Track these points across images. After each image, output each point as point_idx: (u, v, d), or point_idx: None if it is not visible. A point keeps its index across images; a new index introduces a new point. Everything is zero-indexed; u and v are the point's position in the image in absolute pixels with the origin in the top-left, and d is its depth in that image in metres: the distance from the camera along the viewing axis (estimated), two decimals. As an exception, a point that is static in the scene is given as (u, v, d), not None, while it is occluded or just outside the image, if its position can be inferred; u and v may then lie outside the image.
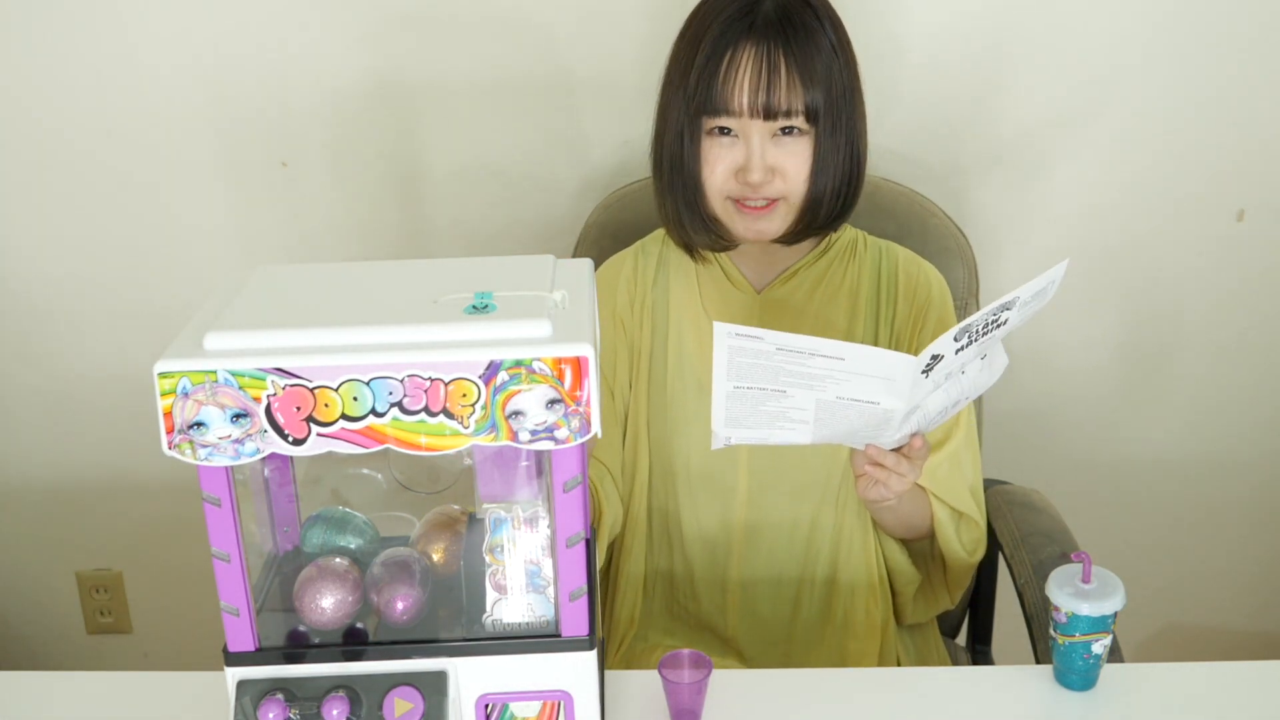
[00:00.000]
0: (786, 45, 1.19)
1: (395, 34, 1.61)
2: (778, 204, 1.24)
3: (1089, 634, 1.08)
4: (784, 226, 1.25)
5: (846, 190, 1.25)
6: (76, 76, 1.64)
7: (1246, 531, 1.86)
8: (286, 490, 1.04)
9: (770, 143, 1.22)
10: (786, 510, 1.33)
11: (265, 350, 0.84)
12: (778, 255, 1.32)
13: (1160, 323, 1.74)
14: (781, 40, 1.19)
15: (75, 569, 1.98)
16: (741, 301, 1.33)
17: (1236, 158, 1.63)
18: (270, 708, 0.91)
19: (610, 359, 1.36)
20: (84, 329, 1.80)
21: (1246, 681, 1.11)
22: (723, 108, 1.20)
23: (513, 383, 0.84)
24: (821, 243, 1.33)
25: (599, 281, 1.40)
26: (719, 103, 1.20)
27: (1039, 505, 1.45)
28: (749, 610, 1.36)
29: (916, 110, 1.62)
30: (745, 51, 1.20)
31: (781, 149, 1.22)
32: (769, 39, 1.19)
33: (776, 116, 1.20)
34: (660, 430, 1.34)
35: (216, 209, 1.72)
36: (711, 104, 1.21)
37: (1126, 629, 1.46)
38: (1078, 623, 1.07)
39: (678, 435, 1.33)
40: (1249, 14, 1.56)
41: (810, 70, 1.19)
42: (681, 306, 1.35)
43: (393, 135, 1.67)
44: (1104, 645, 1.09)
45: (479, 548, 0.97)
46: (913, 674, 1.20)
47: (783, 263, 1.33)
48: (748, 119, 1.20)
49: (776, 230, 1.25)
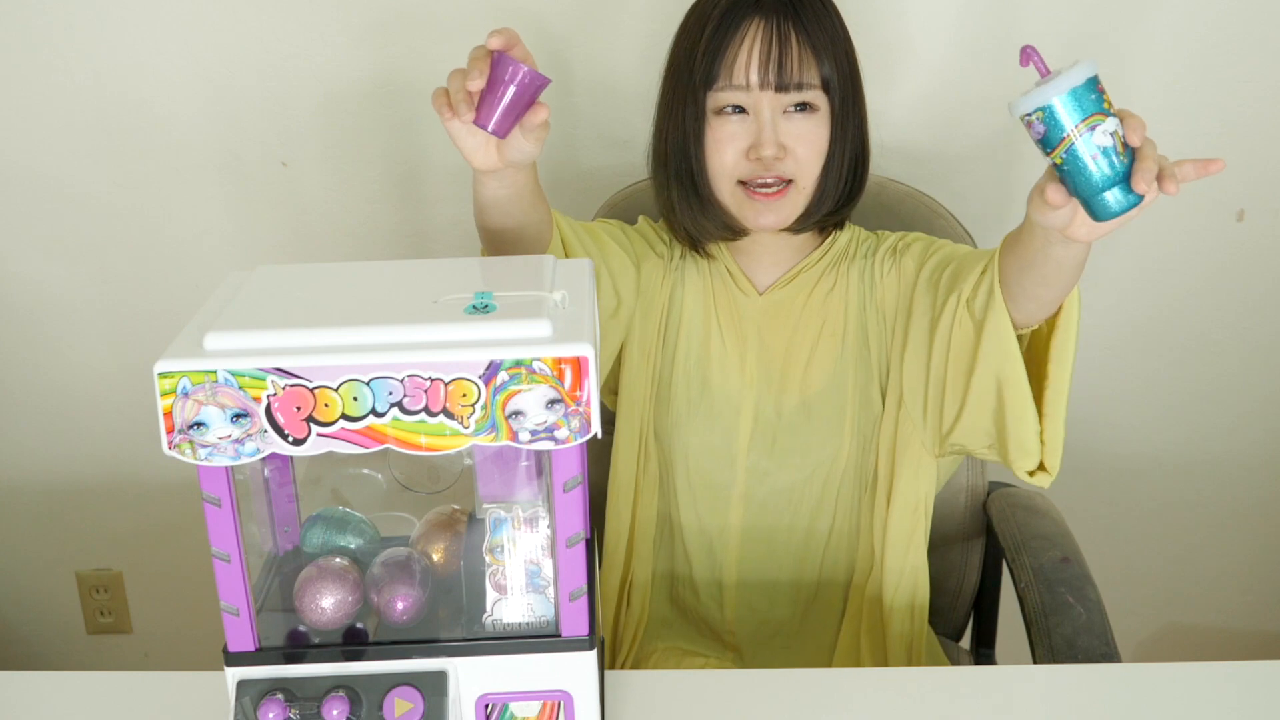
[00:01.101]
0: (797, 18, 1.19)
1: (396, 34, 1.61)
2: (788, 189, 1.23)
3: (1080, 121, 0.87)
4: (793, 215, 1.24)
5: (852, 178, 1.25)
6: (77, 76, 1.64)
7: (1246, 531, 1.86)
8: (286, 490, 1.04)
9: (781, 119, 1.20)
10: (783, 511, 1.33)
11: (265, 350, 0.84)
12: (781, 255, 1.32)
13: (1160, 323, 1.74)
14: (791, 14, 1.19)
15: (75, 569, 1.98)
16: (743, 303, 1.33)
17: (1236, 158, 1.63)
18: (270, 708, 0.91)
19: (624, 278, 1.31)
20: (84, 329, 1.80)
21: (1246, 681, 1.11)
22: (731, 81, 1.19)
23: (513, 383, 0.84)
24: (824, 243, 1.33)
25: (638, 226, 1.38)
26: (728, 77, 1.19)
27: (1041, 509, 1.45)
28: (747, 610, 1.36)
29: (922, 110, 1.62)
30: (754, 25, 1.19)
31: (793, 125, 1.21)
32: (778, 13, 1.19)
33: (789, 89, 1.19)
34: (664, 428, 1.34)
35: (216, 209, 1.72)
36: (719, 77, 1.20)
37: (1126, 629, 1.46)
38: (1056, 117, 0.87)
39: (678, 432, 1.33)
40: (1249, 14, 1.56)
41: (821, 44, 1.19)
42: (695, 302, 1.34)
43: (393, 135, 1.67)
44: (1108, 131, 0.87)
45: (479, 548, 0.97)
46: (913, 674, 1.20)
47: (785, 264, 1.33)
48: (758, 91, 1.19)
49: (785, 221, 1.24)
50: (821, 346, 1.31)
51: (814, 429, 1.31)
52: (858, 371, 1.31)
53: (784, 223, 1.25)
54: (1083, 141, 0.89)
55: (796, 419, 1.31)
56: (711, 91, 1.21)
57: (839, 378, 1.31)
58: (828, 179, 1.23)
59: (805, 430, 1.31)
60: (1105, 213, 0.91)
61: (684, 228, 1.29)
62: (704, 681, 1.13)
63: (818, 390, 1.31)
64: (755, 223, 1.25)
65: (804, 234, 1.30)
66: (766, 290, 1.33)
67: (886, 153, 1.62)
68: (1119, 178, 0.90)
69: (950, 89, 1.61)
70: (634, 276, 1.32)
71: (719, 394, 1.32)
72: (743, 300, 1.33)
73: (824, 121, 1.22)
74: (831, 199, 1.25)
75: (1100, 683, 1.11)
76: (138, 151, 1.69)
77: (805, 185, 1.23)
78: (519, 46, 1.07)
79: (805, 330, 1.32)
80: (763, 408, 1.31)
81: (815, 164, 1.22)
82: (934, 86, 1.61)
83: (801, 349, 1.31)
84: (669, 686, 1.10)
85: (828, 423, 1.30)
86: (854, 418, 1.30)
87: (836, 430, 1.30)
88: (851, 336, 1.31)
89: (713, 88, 1.21)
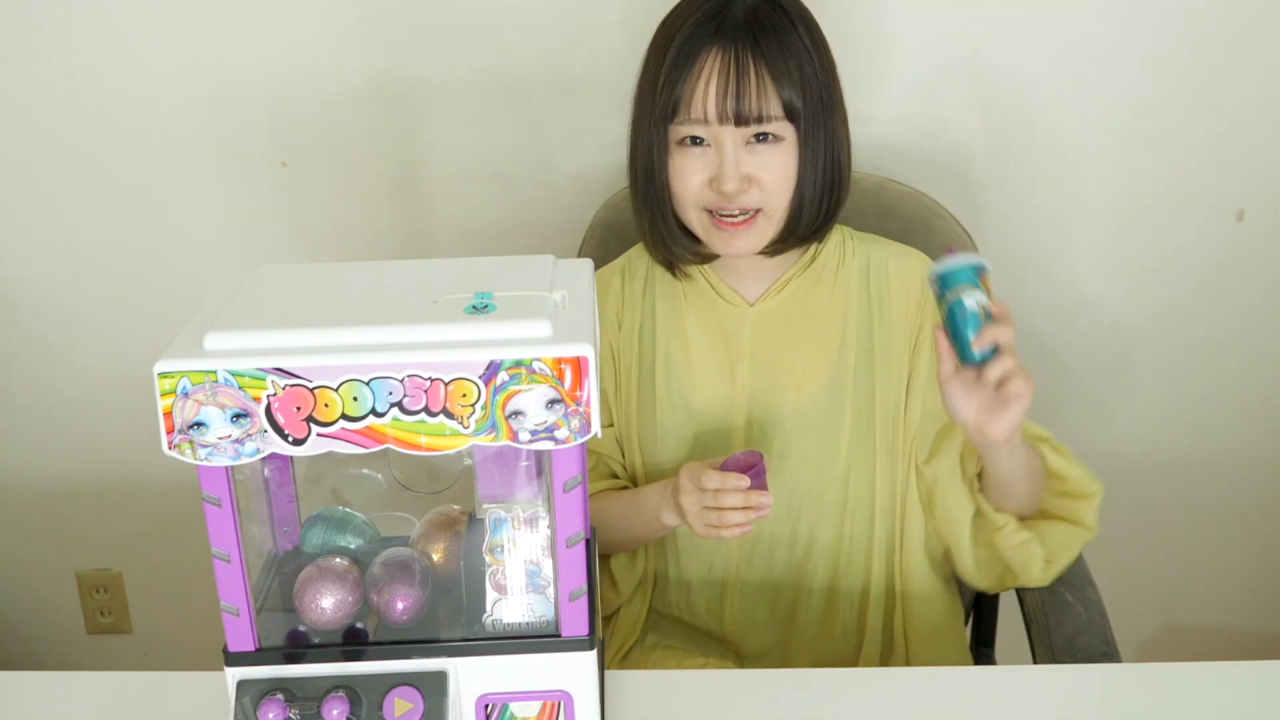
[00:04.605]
0: (756, 47, 1.16)
1: (396, 34, 1.61)
2: (756, 218, 1.21)
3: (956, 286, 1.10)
4: (763, 242, 1.23)
5: (828, 199, 1.22)
6: (77, 77, 1.64)
7: (1246, 531, 1.86)
8: (286, 490, 1.04)
9: (744, 150, 1.18)
10: (783, 523, 1.31)
11: (265, 350, 0.84)
12: (764, 266, 1.30)
13: (1160, 323, 1.74)
14: (750, 42, 1.16)
15: (75, 569, 1.98)
16: (733, 316, 1.31)
17: (1236, 158, 1.63)
18: (270, 708, 0.91)
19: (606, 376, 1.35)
20: (84, 329, 1.80)
21: (1246, 681, 1.11)
22: (690, 115, 1.17)
23: (513, 383, 0.84)
24: (809, 251, 1.31)
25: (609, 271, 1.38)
26: (686, 110, 1.17)
27: (1041, 508, 1.45)
28: (746, 617, 1.35)
29: (921, 110, 1.62)
30: (712, 55, 1.16)
31: (756, 157, 1.18)
32: (736, 42, 1.16)
33: (748, 122, 1.16)
34: (651, 450, 1.33)
35: (216, 209, 1.72)
36: (678, 112, 1.18)
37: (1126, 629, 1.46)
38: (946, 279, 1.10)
39: (667, 454, 1.32)
40: (1250, 14, 1.56)
41: (782, 72, 1.16)
42: (669, 326, 1.33)
43: (393, 135, 1.67)
44: (976, 300, 1.10)
45: (479, 548, 0.97)
46: (913, 674, 1.20)
47: (771, 274, 1.31)
48: (717, 126, 1.17)
49: (756, 246, 1.23)
50: (818, 354, 1.30)
51: (810, 438, 1.29)
52: (858, 378, 1.29)
53: (756, 248, 1.23)
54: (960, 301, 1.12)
55: (792, 429, 1.29)
56: (672, 124, 1.19)
57: (837, 385, 1.29)
58: (800, 203, 1.21)
59: (801, 440, 1.29)
60: (966, 357, 1.12)
61: (657, 251, 1.29)
62: (704, 681, 1.13)
63: (814, 399, 1.29)
64: (725, 249, 1.23)
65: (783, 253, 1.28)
66: (757, 301, 1.31)
67: (886, 153, 1.62)
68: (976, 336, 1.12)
69: (950, 88, 1.61)
70: (612, 377, 1.35)
71: (706, 416, 1.31)
72: (732, 313, 1.31)
73: (790, 149, 1.19)
74: (807, 220, 1.22)
75: (1100, 683, 1.11)
76: (138, 151, 1.69)
77: (774, 213, 1.21)
78: None
79: (801, 339, 1.30)
80: (755, 419, 1.30)
81: (783, 192, 1.20)
82: (934, 86, 1.61)
83: (796, 358, 1.30)
84: (669, 686, 1.10)
85: (824, 431, 1.29)
86: (853, 424, 1.29)
87: (834, 438, 1.29)
88: (852, 344, 1.30)
89: (673, 120, 1.19)
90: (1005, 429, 1.12)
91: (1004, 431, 1.12)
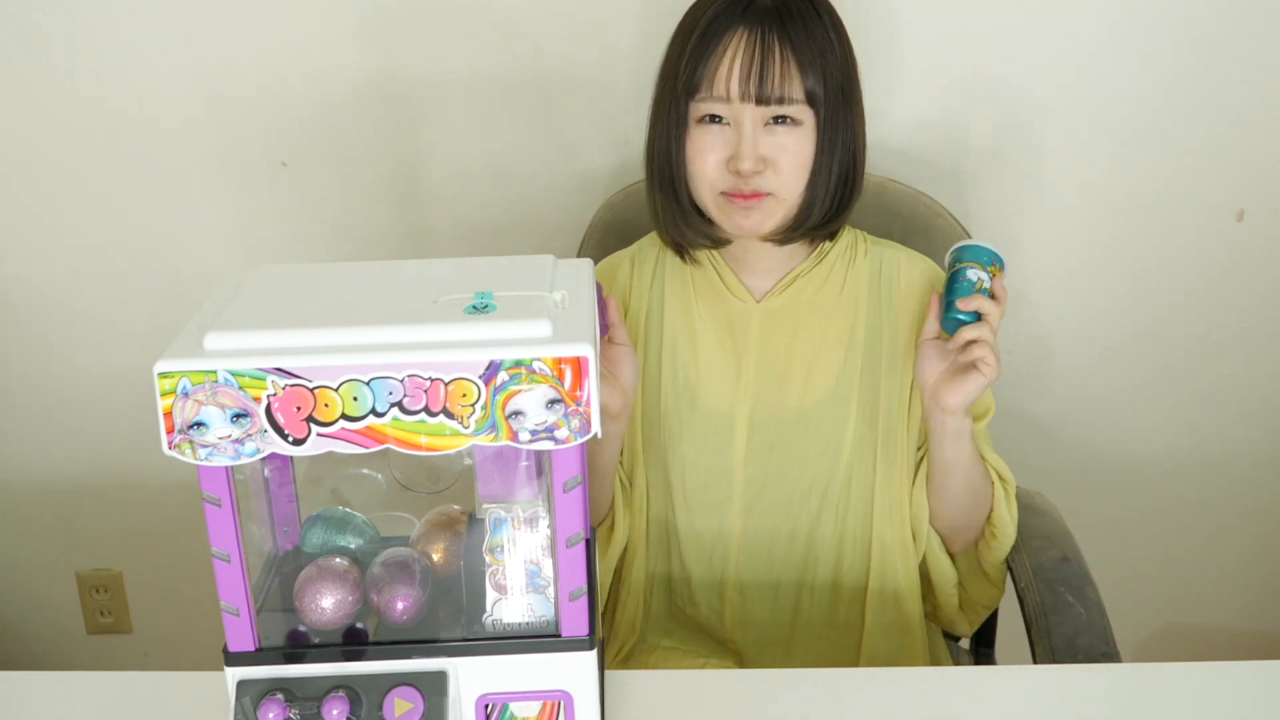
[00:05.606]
0: (782, 30, 1.17)
1: (395, 34, 1.61)
2: (766, 199, 1.21)
3: (967, 260, 1.20)
4: (774, 224, 1.23)
5: (841, 192, 1.23)
6: (77, 77, 1.64)
7: (1246, 531, 1.86)
8: (286, 490, 1.04)
9: (763, 131, 1.19)
10: (783, 520, 1.32)
11: (265, 350, 0.84)
12: (773, 259, 1.30)
13: (1160, 323, 1.74)
14: (777, 25, 1.17)
15: (75, 569, 1.98)
16: (740, 310, 1.32)
17: (1236, 157, 1.63)
18: (270, 708, 0.91)
19: None
20: (84, 329, 1.80)
21: (1246, 681, 1.11)
22: (712, 92, 1.18)
23: (513, 383, 0.84)
24: (818, 247, 1.32)
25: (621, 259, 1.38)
26: (709, 87, 1.18)
27: (1041, 508, 1.45)
28: (746, 614, 1.35)
29: (923, 111, 1.62)
30: (738, 36, 1.18)
31: (774, 139, 1.19)
32: (763, 24, 1.17)
33: (769, 102, 1.17)
34: (655, 441, 1.33)
35: (216, 209, 1.72)
36: (700, 89, 1.19)
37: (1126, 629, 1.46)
38: (962, 252, 1.22)
39: (672, 447, 1.32)
40: (1250, 14, 1.56)
41: (806, 58, 1.17)
42: (676, 317, 1.33)
43: (392, 135, 1.67)
44: (978, 275, 1.19)
45: (479, 548, 0.97)
46: (913, 674, 1.20)
47: (780, 269, 1.31)
48: (739, 104, 1.18)
49: (765, 226, 1.23)
50: (825, 353, 1.30)
51: (813, 438, 1.30)
52: (864, 377, 1.30)
53: (763, 226, 1.23)
54: (963, 270, 1.21)
55: (796, 427, 1.30)
56: (693, 101, 1.20)
57: (843, 385, 1.29)
58: (813, 191, 1.21)
59: (804, 439, 1.30)
60: (948, 316, 1.20)
61: (668, 233, 1.29)
62: (704, 681, 1.13)
63: (819, 398, 1.29)
64: (736, 226, 1.23)
65: (792, 244, 1.28)
66: (764, 297, 1.32)
67: (886, 153, 1.62)
68: None
69: (951, 88, 1.61)
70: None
71: (710, 409, 1.31)
72: (740, 308, 1.32)
73: (808, 135, 1.20)
74: (819, 211, 1.22)
75: (1100, 683, 1.11)
76: (138, 151, 1.69)
77: (786, 198, 1.21)
78: None
79: (808, 336, 1.30)
80: (759, 416, 1.30)
81: (798, 177, 1.20)
82: (934, 86, 1.61)
83: (803, 356, 1.30)
84: (669, 686, 1.10)
85: (828, 431, 1.30)
86: (857, 425, 1.30)
87: (837, 438, 1.30)
88: (860, 345, 1.30)
89: (694, 97, 1.20)
90: (960, 399, 1.19)
91: (958, 402, 1.20)
